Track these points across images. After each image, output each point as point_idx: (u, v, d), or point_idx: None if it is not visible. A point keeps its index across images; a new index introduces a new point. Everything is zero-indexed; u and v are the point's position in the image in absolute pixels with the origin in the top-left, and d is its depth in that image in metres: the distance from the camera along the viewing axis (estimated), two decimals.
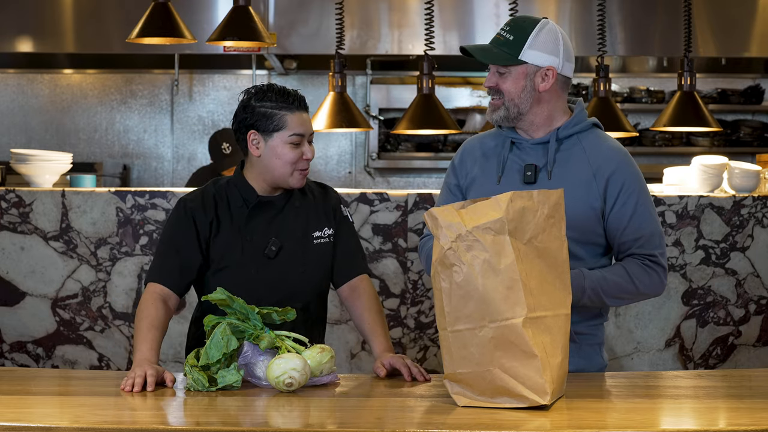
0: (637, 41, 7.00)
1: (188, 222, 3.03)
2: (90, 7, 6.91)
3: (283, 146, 3.01)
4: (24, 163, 4.87)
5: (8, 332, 4.67)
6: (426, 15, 5.43)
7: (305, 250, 3.07)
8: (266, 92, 3.03)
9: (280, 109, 3.01)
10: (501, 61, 2.89)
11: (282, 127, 3.00)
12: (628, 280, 2.88)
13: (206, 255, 3.04)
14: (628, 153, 2.98)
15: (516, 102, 2.90)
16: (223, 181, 3.12)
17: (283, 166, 3.01)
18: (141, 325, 2.91)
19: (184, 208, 3.06)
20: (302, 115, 3.04)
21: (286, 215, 3.07)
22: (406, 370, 2.84)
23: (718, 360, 4.77)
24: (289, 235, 3.06)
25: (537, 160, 2.93)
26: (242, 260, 3.03)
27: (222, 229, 3.04)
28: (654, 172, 6.54)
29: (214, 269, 3.04)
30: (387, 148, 7.83)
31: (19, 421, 2.32)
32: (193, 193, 3.10)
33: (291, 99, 3.03)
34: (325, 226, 3.11)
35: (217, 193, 3.08)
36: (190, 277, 3.04)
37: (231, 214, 3.05)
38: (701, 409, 2.53)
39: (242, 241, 3.03)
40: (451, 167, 3.08)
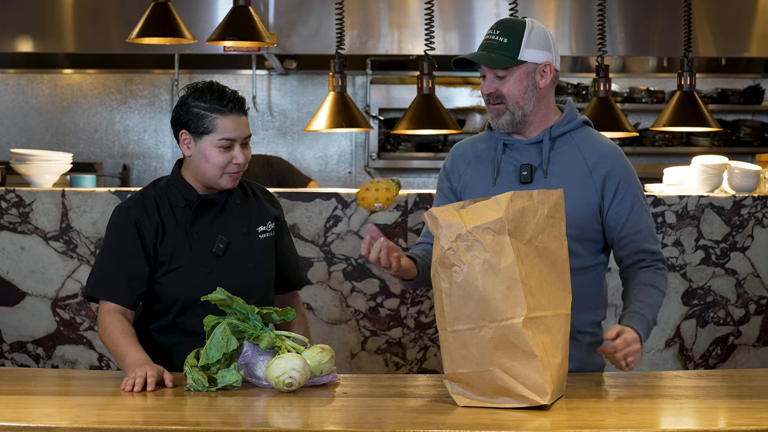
0: (637, 41, 7.00)
1: (132, 231, 2.97)
2: (90, 7, 6.91)
3: (212, 149, 2.94)
4: (24, 163, 4.87)
5: (8, 332, 4.67)
6: (426, 15, 5.43)
7: (252, 245, 3.06)
8: (203, 92, 2.96)
9: (212, 111, 2.94)
10: (503, 64, 2.88)
11: (212, 130, 2.94)
12: (659, 292, 2.95)
13: (154, 261, 2.99)
14: (620, 148, 3.00)
15: (521, 104, 2.90)
16: (162, 181, 3.07)
17: (211, 169, 2.96)
18: (114, 337, 2.88)
19: (126, 216, 2.99)
20: (237, 118, 2.95)
21: (229, 212, 3.05)
22: None
23: (718, 360, 4.77)
24: (234, 232, 3.04)
25: (531, 160, 2.93)
26: (192, 260, 2.99)
27: (168, 231, 2.99)
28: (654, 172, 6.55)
29: (165, 270, 2.99)
30: (387, 148, 7.83)
31: (19, 421, 2.32)
32: (132, 199, 3.04)
33: (225, 101, 2.95)
34: (268, 220, 3.10)
35: (158, 195, 3.03)
36: (141, 289, 2.98)
37: (174, 214, 3.01)
38: (701, 409, 2.53)
39: (189, 241, 3.00)
40: (443, 172, 3.08)
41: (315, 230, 4.64)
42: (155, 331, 3.04)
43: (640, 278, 2.95)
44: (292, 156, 7.95)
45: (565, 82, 7.76)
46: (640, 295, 2.92)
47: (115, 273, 2.97)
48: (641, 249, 2.95)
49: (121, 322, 2.93)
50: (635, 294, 2.93)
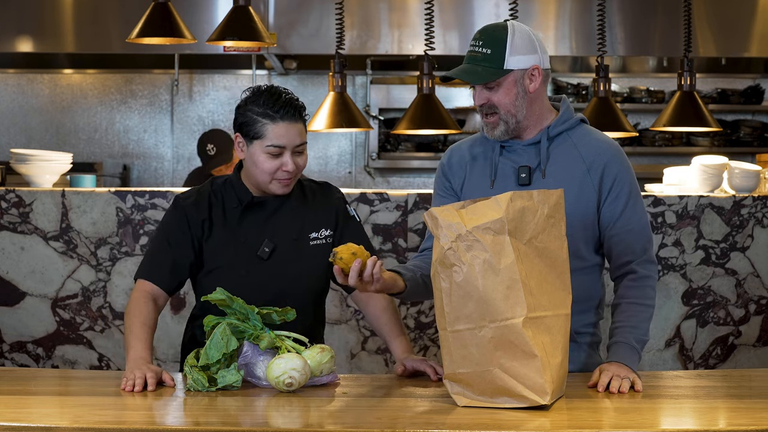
0: (637, 41, 7.00)
1: (182, 219, 3.00)
2: (90, 7, 6.92)
3: (261, 155, 2.93)
4: (24, 163, 4.87)
5: (8, 332, 4.67)
6: (426, 15, 5.43)
7: (300, 251, 3.02)
8: (259, 96, 2.95)
9: (264, 117, 2.92)
10: (490, 77, 2.85)
11: (261, 136, 2.92)
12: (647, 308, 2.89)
13: (199, 255, 3.01)
14: (619, 145, 2.97)
15: (512, 112, 2.87)
16: (221, 180, 3.08)
17: (260, 175, 2.95)
18: (133, 323, 2.89)
19: (176, 207, 3.03)
20: (288, 125, 2.92)
21: (282, 216, 3.03)
22: (431, 370, 2.84)
23: (718, 360, 4.77)
24: (283, 237, 3.01)
25: (529, 161, 2.91)
26: (233, 261, 2.99)
27: (215, 230, 3.00)
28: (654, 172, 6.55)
29: (206, 270, 3.01)
30: (387, 148, 7.83)
31: (19, 421, 2.32)
32: (188, 192, 3.07)
33: (278, 107, 2.91)
34: (322, 227, 3.06)
35: (213, 192, 3.04)
36: (181, 276, 3.01)
37: (225, 214, 3.01)
38: (701, 409, 2.53)
39: (235, 242, 3.00)
40: (440, 172, 3.04)
41: None
42: (200, 329, 3.02)
43: (629, 295, 2.89)
44: None
45: (565, 82, 7.76)
46: (627, 317, 2.86)
47: (157, 255, 3.01)
48: (631, 250, 2.90)
49: (146, 308, 2.93)
50: (624, 316, 2.86)
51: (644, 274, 2.90)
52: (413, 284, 2.81)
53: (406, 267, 2.86)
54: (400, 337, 3.01)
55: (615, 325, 2.86)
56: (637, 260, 2.91)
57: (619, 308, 2.88)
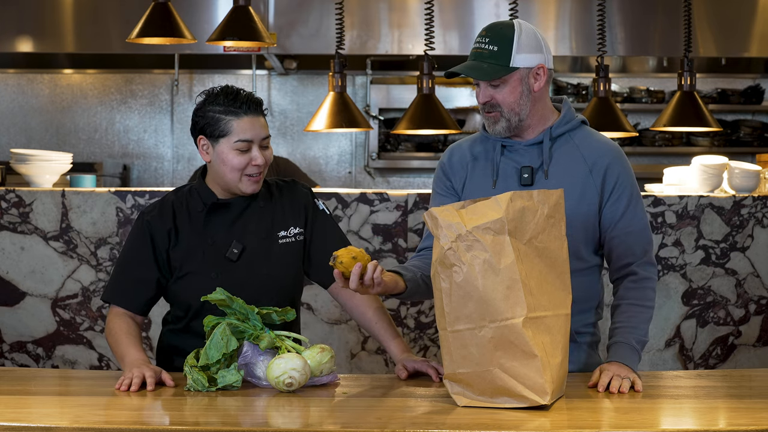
0: (637, 41, 7.00)
1: (144, 236, 2.98)
2: (90, 7, 6.92)
3: (229, 152, 2.91)
4: (24, 163, 4.87)
5: (8, 332, 4.67)
6: (426, 15, 5.43)
7: (269, 251, 3.00)
8: (217, 96, 2.94)
9: (227, 114, 2.91)
10: (496, 74, 2.83)
11: (227, 132, 2.91)
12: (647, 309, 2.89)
13: (166, 267, 2.98)
14: (620, 147, 2.97)
15: (516, 110, 2.86)
16: (186, 188, 3.06)
17: (230, 172, 2.92)
18: (118, 337, 2.90)
19: (140, 222, 3.01)
20: (252, 119, 2.92)
21: (249, 217, 3.00)
22: (433, 371, 2.83)
23: (718, 360, 4.77)
24: (251, 237, 2.99)
25: (531, 161, 2.90)
26: (202, 265, 2.97)
27: (181, 237, 2.98)
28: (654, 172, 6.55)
29: (177, 276, 2.99)
30: (387, 148, 7.83)
31: (19, 421, 2.32)
32: (152, 204, 3.05)
33: (239, 103, 2.91)
34: (291, 225, 3.03)
35: (177, 200, 3.02)
36: (149, 294, 2.99)
37: (191, 220, 2.99)
38: (701, 409, 2.53)
39: (203, 246, 2.98)
40: (439, 172, 3.02)
41: None
42: (173, 335, 3.05)
43: (629, 296, 2.89)
44: (292, 156, 7.95)
45: (565, 82, 7.76)
46: (628, 318, 2.86)
47: (123, 278, 3.01)
48: (631, 251, 2.90)
49: (125, 323, 2.95)
50: (624, 317, 2.86)
51: (644, 276, 2.90)
52: (413, 285, 2.80)
53: (406, 267, 2.86)
54: (397, 338, 3.00)
55: (615, 325, 2.86)
56: (638, 262, 2.91)
57: (619, 309, 2.89)
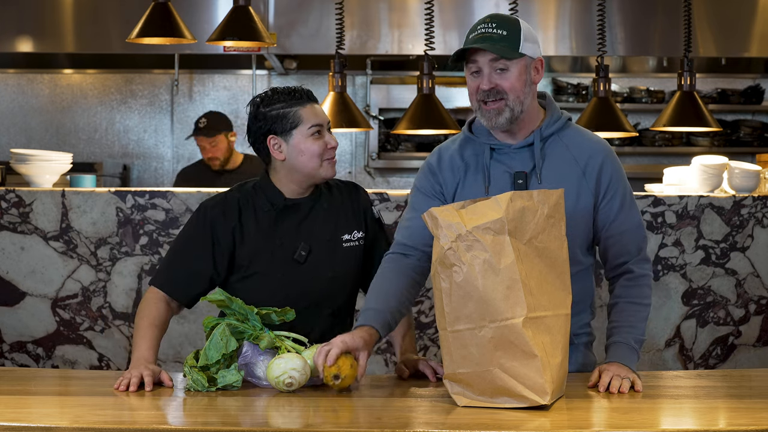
0: (637, 41, 7.00)
1: (205, 230, 2.96)
2: (90, 7, 6.92)
3: (306, 140, 2.95)
4: (24, 163, 4.87)
5: (8, 332, 4.67)
6: (426, 15, 5.43)
7: (334, 254, 3.00)
8: (272, 96, 2.98)
9: (291, 107, 2.95)
10: (511, 54, 2.79)
11: (298, 122, 2.95)
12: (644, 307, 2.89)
13: (225, 265, 2.97)
14: (608, 144, 2.94)
15: (521, 98, 2.82)
16: (249, 185, 3.04)
17: (310, 160, 2.95)
18: (141, 323, 2.89)
19: (204, 215, 2.99)
20: (314, 106, 2.99)
21: (315, 218, 3.01)
22: (430, 371, 2.84)
23: (718, 360, 4.77)
24: (317, 239, 2.99)
25: (522, 165, 2.85)
26: (272, 266, 2.96)
27: (248, 235, 2.97)
28: (654, 172, 6.55)
29: (242, 275, 2.98)
30: (387, 148, 7.83)
31: (19, 421, 2.32)
32: (214, 199, 3.02)
33: (298, 94, 2.98)
34: (354, 229, 3.04)
35: (242, 198, 3.00)
36: (199, 288, 2.97)
37: (257, 218, 2.98)
38: (701, 409, 2.53)
39: (271, 246, 2.97)
40: (427, 171, 2.94)
41: None
42: None
43: (626, 294, 2.88)
44: None
45: (565, 82, 7.76)
46: (626, 317, 2.85)
47: (176, 267, 2.98)
48: (627, 250, 2.89)
49: (158, 310, 2.92)
50: (622, 316, 2.86)
51: (640, 273, 2.90)
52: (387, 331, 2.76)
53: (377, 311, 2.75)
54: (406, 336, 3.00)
55: (612, 324, 2.86)
56: (633, 260, 2.90)
57: (617, 307, 2.88)
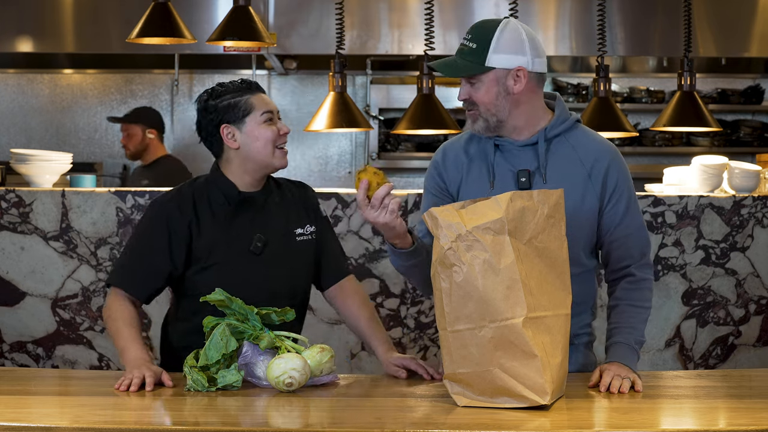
0: (637, 41, 7.00)
1: (162, 226, 2.97)
2: (90, 7, 6.91)
3: (259, 127, 2.99)
4: (24, 163, 4.87)
5: (8, 332, 4.67)
6: (426, 15, 5.43)
7: (289, 246, 3.05)
8: (220, 88, 3.02)
9: (242, 95, 3.00)
10: (468, 71, 2.81)
11: (251, 110, 2.99)
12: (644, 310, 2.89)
13: (183, 259, 2.98)
14: (615, 146, 2.94)
15: (492, 111, 2.82)
16: (201, 179, 3.07)
17: (264, 147, 2.99)
18: (118, 326, 2.89)
19: (159, 211, 3.00)
20: (262, 95, 3.03)
21: (268, 211, 3.05)
22: (423, 370, 2.85)
23: (718, 360, 4.77)
24: (272, 232, 3.03)
25: (527, 164, 2.86)
26: (229, 257, 2.99)
27: (204, 228, 2.99)
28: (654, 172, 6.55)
29: (201, 266, 2.99)
30: (387, 148, 7.83)
31: (19, 421, 2.32)
32: (168, 194, 3.05)
33: (247, 84, 3.02)
34: (306, 224, 3.10)
35: (196, 191, 3.03)
36: (157, 284, 3.00)
37: (213, 212, 3.00)
38: (701, 409, 2.53)
39: (227, 238, 2.99)
40: (433, 171, 2.97)
41: None
42: (185, 331, 3.02)
43: (627, 297, 2.89)
44: (292, 156, 7.94)
45: (565, 82, 7.76)
46: (626, 318, 2.86)
47: (134, 265, 2.99)
48: (630, 254, 2.89)
49: (128, 309, 2.93)
50: (623, 318, 2.86)
51: (642, 277, 2.90)
52: (420, 245, 2.78)
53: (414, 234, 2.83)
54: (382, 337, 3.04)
55: (613, 325, 2.86)
56: (635, 264, 2.90)
57: (617, 309, 2.88)
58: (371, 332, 3.05)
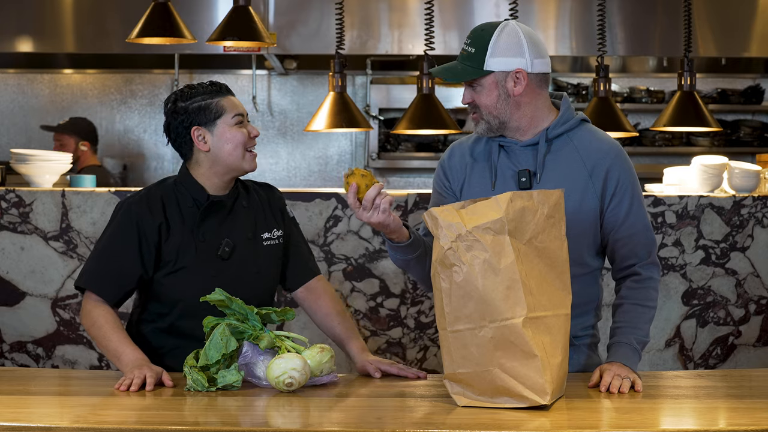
0: (637, 41, 7.00)
1: (131, 228, 2.95)
2: (90, 7, 6.91)
3: (230, 129, 2.97)
4: (24, 163, 4.87)
5: (8, 332, 4.67)
6: (426, 15, 5.43)
7: (257, 250, 3.04)
8: (190, 90, 3.01)
9: (212, 98, 2.98)
10: (467, 76, 2.84)
11: (222, 112, 2.98)
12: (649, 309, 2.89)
13: (152, 262, 2.96)
14: (621, 146, 2.94)
15: (494, 113, 2.85)
16: (169, 181, 3.06)
17: (234, 149, 2.97)
18: (106, 332, 2.87)
19: (128, 213, 2.98)
20: (232, 98, 3.02)
21: (236, 215, 3.04)
22: (404, 373, 2.85)
23: (718, 360, 4.77)
24: (239, 236, 3.02)
25: (529, 164, 2.88)
26: (197, 262, 2.97)
27: (173, 231, 2.97)
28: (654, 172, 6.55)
29: (168, 270, 2.98)
30: (387, 148, 7.83)
31: (19, 421, 2.32)
32: (137, 196, 3.02)
33: (217, 87, 3.01)
34: (273, 228, 3.09)
35: (164, 194, 3.01)
36: (127, 288, 2.98)
37: (182, 214, 2.99)
38: (701, 409, 2.53)
39: (195, 243, 2.98)
40: (439, 170, 3.01)
41: (315, 230, 4.64)
42: (152, 333, 3.02)
43: (631, 296, 2.89)
44: (292, 156, 7.95)
45: (565, 82, 7.77)
46: (629, 318, 2.86)
47: (106, 267, 2.97)
48: (635, 253, 2.90)
49: (110, 314, 2.91)
50: (626, 317, 2.86)
51: (647, 276, 2.90)
52: (417, 239, 2.80)
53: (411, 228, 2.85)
54: (356, 338, 3.03)
55: (616, 325, 2.86)
56: (641, 263, 2.90)
57: (621, 308, 2.88)
58: (343, 331, 3.04)
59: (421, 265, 2.84)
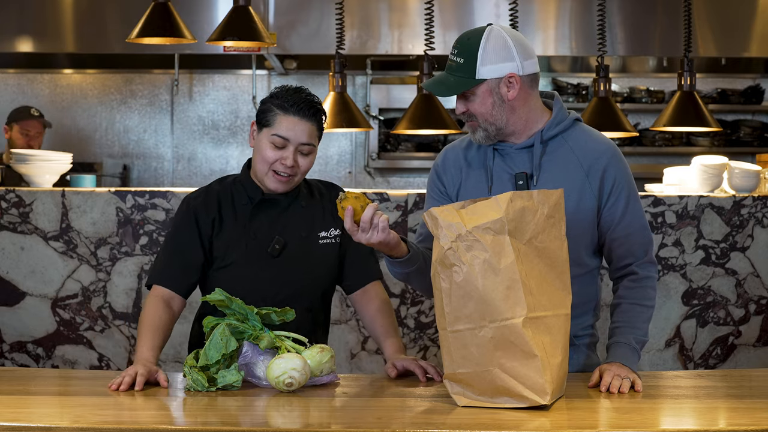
0: (637, 41, 7.00)
1: (190, 221, 3.02)
2: (90, 7, 6.92)
3: (265, 143, 2.98)
4: (24, 163, 4.87)
5: (8, 332, 4.67)
6: (426, 15, 5.43)
7: (310, 249, 3.05)
8: (283, 91, 3.02)
9: (278, 108, 2.98)
10: (460, 88, 2.81)
11: (270, 124, 2.98)
12: (647, 309, 2.89)
13: (209, 254, 3.03)
14: (615, 145, 2.93)
15: (491, 120, 2.83)
16: (230, 179, 3.11)
17: (260, 163, 2.99)
18: (141, 327, 2.92)
19: (186, 206, 3.06)
20: (298, 120, 2.97)
21: (292, 214, 3.05)
22: (420, 371, 2.84)
23: (718, 360, 4.77)
24: (293, 235, 3.04)
25: (525, 167, 2.87)
26: (246, 258, 3.01)
27: (225, 227, 3.02)
28: (654, 172, 6.56)
29: (217, 266, 3.03)
30: (387, 148, 7.84)
31: (19, 421, 2.32)
32: (196, 192, 3.11)
33: (293, 101, 2.98)
34: (331, 227, 3.09)
35: (222, 190, 3.07)
36: (193, 277, 3.03)
37: (235, 211, 3.04)
38: (701, 409, 2.53)
39: (246, 239, 3.02)
40: (433, 174, 3.00)
41: None
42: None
43: (630, 296, 2.88)
44: None
45: (565, 82, 7.76)
46: (628, 318, 2.86)
47: (169, 261, 3.03)
48: (632, 252, 2.89)
49: (157, 310, 2.94)
50: (625, 317, 2.86)
51: (645, 275, 2.90)
52: (415, 252, 2.78)
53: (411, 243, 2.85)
54: (393, 338, 3.03)
55: (615, 324, 2.86)
56: (638, 262, 2.90)
57: (619, 308, 2.88)
58: (384, 336, 3.04)
59: (422, 276, 2.81)
